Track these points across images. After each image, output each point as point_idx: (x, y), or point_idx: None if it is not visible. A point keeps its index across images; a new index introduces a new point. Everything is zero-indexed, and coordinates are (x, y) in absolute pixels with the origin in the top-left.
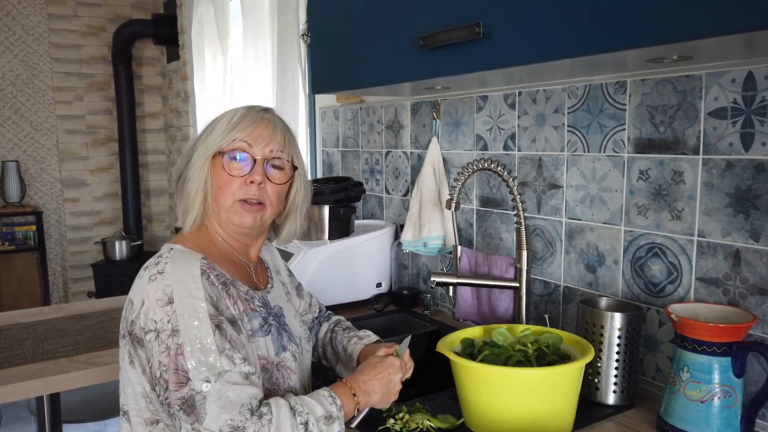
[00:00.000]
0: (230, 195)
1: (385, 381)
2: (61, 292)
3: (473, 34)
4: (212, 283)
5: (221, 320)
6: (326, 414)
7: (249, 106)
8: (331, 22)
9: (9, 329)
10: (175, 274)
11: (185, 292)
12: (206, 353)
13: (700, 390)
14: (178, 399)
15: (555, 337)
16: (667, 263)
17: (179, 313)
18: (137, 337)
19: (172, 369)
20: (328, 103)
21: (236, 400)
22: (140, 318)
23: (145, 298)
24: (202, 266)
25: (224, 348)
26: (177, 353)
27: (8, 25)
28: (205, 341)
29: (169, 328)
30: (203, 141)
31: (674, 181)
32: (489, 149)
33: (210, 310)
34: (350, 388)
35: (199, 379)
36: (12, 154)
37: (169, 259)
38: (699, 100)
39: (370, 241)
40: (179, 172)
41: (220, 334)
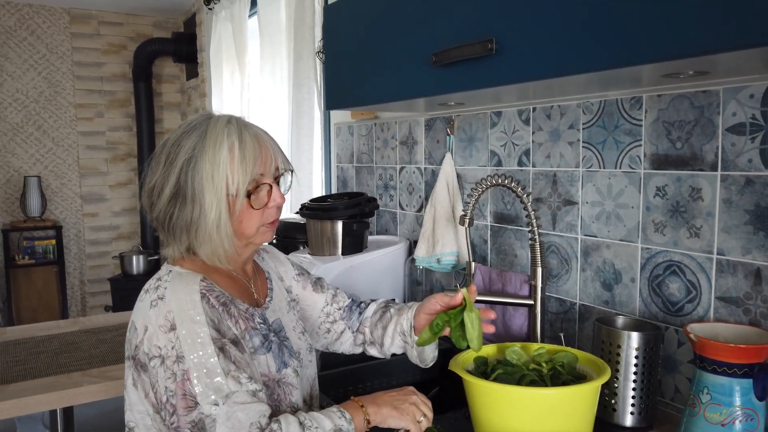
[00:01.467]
0: (255, 224)
1: (394, 398)
2: (79, 305)
3: (486, 50)
4: (212, 305)
5: (224, 342)
6: (335, 428)
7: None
8: (345, 39)
9: (25, 342)
10: (175, 300)
11: (187, 318)
12: (212, 377)
13: (720, 413)
14: (188, 423)
15: (570, 357)
16: (686, 281)
17: (182, 340)
18: (141, 362)
19: (180, 394)
20: (343, 119)
21: (245, 419)
22: (143, 344)
23: (148, 324)
24: (202, 289)
25: (229, 370)
26: (184, 379)
27: (33, 44)
28: (210, 365)
29: (174, 355)
30: (209, 182)
31: (692, 198)
32: (503, 165)
33: (212, 333)
34: (357, 401)
35: (208, 403)
36: (34, 169)
37: (168, 284)
38: (717, 116)
39: (383, 256)
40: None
41: (224, 357)
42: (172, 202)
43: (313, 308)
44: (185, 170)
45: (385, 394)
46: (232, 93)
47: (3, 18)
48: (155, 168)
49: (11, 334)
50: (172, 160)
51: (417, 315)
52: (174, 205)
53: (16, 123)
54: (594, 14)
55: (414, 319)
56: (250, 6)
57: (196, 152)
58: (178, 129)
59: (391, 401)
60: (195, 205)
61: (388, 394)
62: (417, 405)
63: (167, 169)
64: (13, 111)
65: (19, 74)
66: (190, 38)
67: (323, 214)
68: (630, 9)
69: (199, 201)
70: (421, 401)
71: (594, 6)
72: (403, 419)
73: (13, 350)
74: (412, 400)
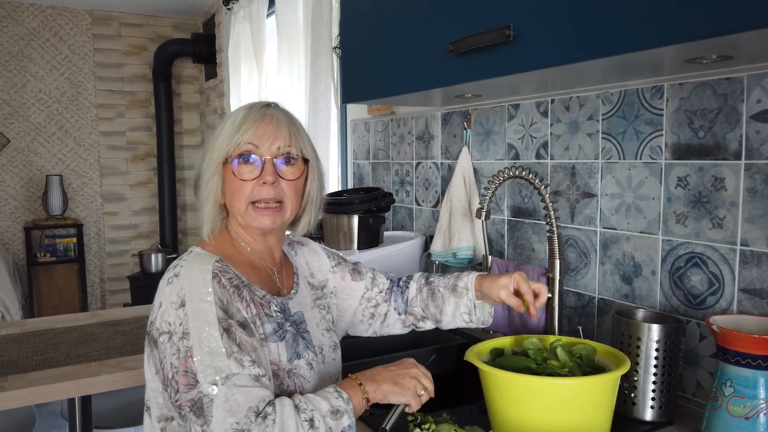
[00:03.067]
0: (244, 199)
1: (394, 373)
2: (99, 303)
3: (503, 37)
4: (223, 286)
5: (230, 324)
6: (332, 408)
7: (251, 105)
8: (361, 32)
9: (45, 333)
10: (188, 277)
11: (196, 296)
12: (214, 356)
13: (744, 406)
14: (188, 401)
15: (589, 348)
16: (708, 273)
17: (190, 317)
18: (153, 338)
19: (182, 371)
20: (360, 116)
21: (243, 402)
22: (157, 320)
23: (163, 300)
24: (215, 269)
25: (232, 351)
26: (187, 356)
27: (56, 45)
28: (214, 345)
29: (180, 331)
30: (210, 148)
31: (715, 188)
32: (521, 158)
33: (219, 313)
34: (355, 379)
35: (207, 382)
36: (56, 168)
37: (185, 262)
38: (740, 103)
39: (399, 251)
40: (195, 180)
41: (228, 338)
42: (197, 168)
43: (353, 297)
44: (209, 143)
45: (385, 369)
46: (250, 92)
47: (27, 20)
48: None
49: (31, 325)
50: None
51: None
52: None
53: (39, 123)
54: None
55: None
56: (268, 5)
57: (220, 122)
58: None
59: (390, 377)
60: (201, 168)
61: (387, 369)
62: (418, 378)
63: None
64: (36, 111)
65: (42, 75)
66: (208, 39)
67: (339, 208)
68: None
69: (203, 164)
70: (422, 374)
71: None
72: (404, 395)
73: (32, 341)
74: (413, 374)
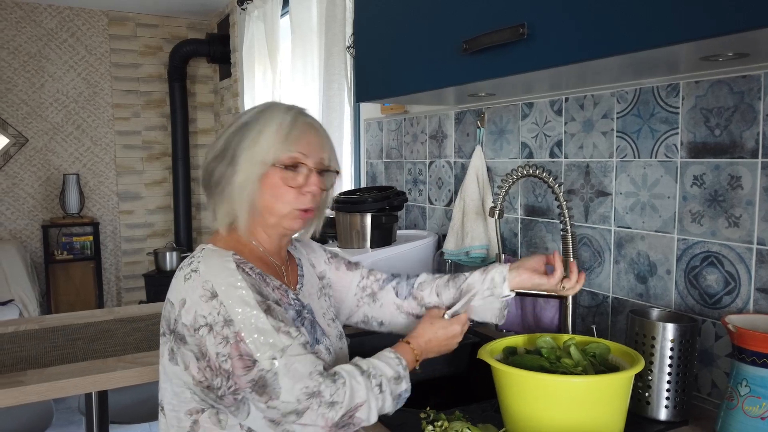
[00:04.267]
0: (287, 204)
1: (443, 345)
2: (115, 301)
3: (517, 35)
4: (248, 274)
5: (269, 304)
6: (395, 374)
7: (288, 108)
8: (375, 30)
9: (63, 329)
10: (210, 271)
11: (227, 284)
12: (265, 334)
13: (760, 406)
14: (249, 382)
15: (602, 347)
16: (724, 273)
17: (227, 304)
18: (180, 335)
19: (236, 356)
20: (373, 115)
21: (304, 369)
22: (182, 316)
23: (186, 296)
24: (235, 261)
25: (279, 327)
26: (237, 340)
27: (73, 46)
28: (261, 324)
29: (221, 320)
30: (249, 148)
31: (731, 187)
32: (534, 157)
33: (256, 296)
34: (414, 352)
35: (266, 359)
36: (73, 167)
37: (201, 258)
38: (757, 101)
39: (412, 250)
40: (218, 174)
41: (272, 316)
42: (217, 159)
43: (349, 286)
44: (235, 133)
45: (435, 335)
46: (264, 91)
47: (45, 21)
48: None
49: (49, 321)
50: (229, 125)
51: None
52: (217, 162)
53: (56, 122)
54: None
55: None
56: (282, 5)
57: (250, 121)
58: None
59: (438, 347)
60: (231, 164)
61: (436, 338)
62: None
63: (223, 132)
64: (54, 111)
65: (60, 75)
66: (223, 39)
67: (352, 206)
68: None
69: (236, 161)
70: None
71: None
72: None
73: (50, 336)
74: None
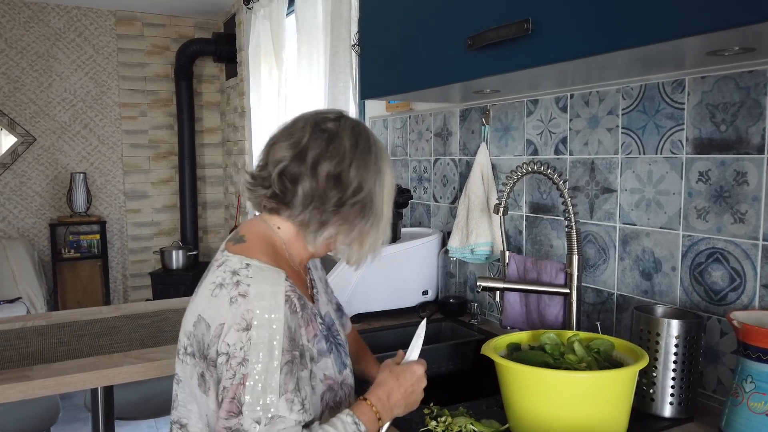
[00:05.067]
0: None
1: (408, 393)
2: (121, 299)
3: (522, 31)
4: (294, 310)
5: (294, 356)
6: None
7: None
8: (380, 27)
9: (70, 325)
10: (258, 300)
11: (264, 322)
12: (266, 392)
13: (765, 402)
14: (224, 428)
15: (606, 344)
16: (729, 269)
17: (254, 343)
18: (212, 360)
19: (230, 397)
20: (378, 113)
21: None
22: (217, 342)
23: (226, 322)
24: (287, 291)
25: (287, 390)
26: (240, 383)
27: (81, 45)
28: (269, 379)
29: (240, 356)
30: (388, 199)
31: (737, 182)
32: (539, 154)
33: (285, 344)
34: (375, 412)
35: (251, 418)
36: (80, 166)
37: (251, 280)
38: (764, 97)
39: (416, 247)
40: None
41: (288, 372)
42: (357, 206)
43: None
44: (372, 173)
45: (399, 390)
46: (270, 90)
47: (53, 20)
48: (337, 150)
49: (56, 318)
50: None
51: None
52: (360, 210)
53: (64, 122)
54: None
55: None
56: (288, 4)
57: (382, 164)
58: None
59: (404, 400)
60: (375, 216)
61: (402, 389)
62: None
63: (361, 173)
64: (62, 110)
65: (68, 74)
66: (229, 38)
67: None
68: None
69: (376, 208)
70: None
71: None
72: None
73: (57, 332)
74: (423, 386)
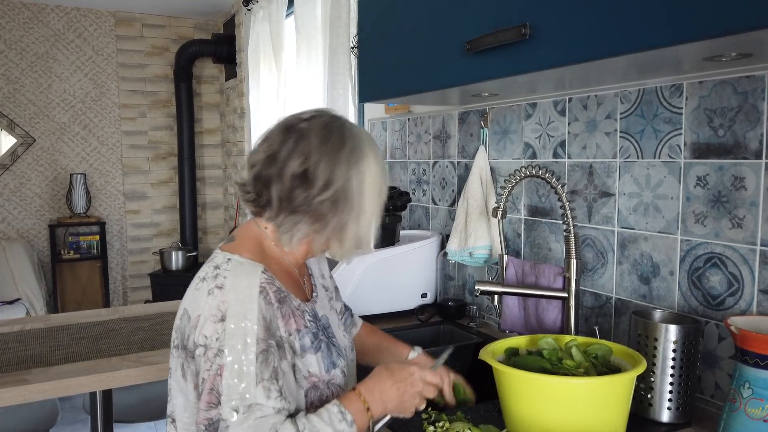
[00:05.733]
0: None
1: (401, 392)
2: (121, 300)
3: (520, 36)
4: (269, 302)
5: (269, 345)
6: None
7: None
8: (378, 31)
9: (68, 328)
10: (233, 291)
11: (239, 312)
12: (242, 380)
13: (762, 408)
14: (205, 419)
15: (604, 349)
16: (728, 274)
17: (228, 333)
18: (190, 351)
19: (208, 388)
20: (377, 115)
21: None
22: (194, 333)
23: (202, 312)
24: (262, 282)
25: (263, 378)
26: (216, 374)
27: (80, 47)
28: (245, 368)
29: (216, 347)
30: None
31: (735, 187)
32: (538, 157)
33: (260, 333)
34: (364, 402)
35: (229, 407)
36: (80, 167)
37: (228, 273)
38: (761, 102)
39: (415, 250)
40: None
41: (263, 361)
42: (327, 202)
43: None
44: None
45: (393, 386)
46: (269, 92)
47: (52, 21)
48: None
49: (55, 320)
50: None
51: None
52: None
53: (63, 123)
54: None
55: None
56: (287, 5)
57: (359, 155)
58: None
59: (397, 396)
60: (353, 209)
61: (395, 385)
62: (422, 394)
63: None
64: (61, 111)
65: (67, 75)
66: (229, 39)
67: None
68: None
69: (358, 207)
70: (427, 385)
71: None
72: (405, 413)
73: (55, 335)
74: (418, 390)
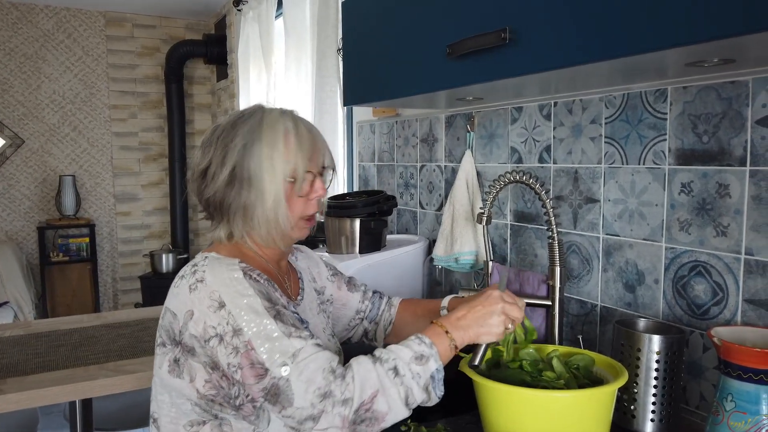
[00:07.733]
0: (296, 214)
1: (479, 314)
2: (111, 302)
3: (500, 40)
4: (256, 280)
5: (278, 309)
6: (416, 354)
7: (287, 117)
8: (362, 34)
9: (48, 335)
10: (217, 280)
11: (234, 293)
12: (275, 341)
13: (745, 421)
14: (261, 391)
15: (586, 359)
16: (712, 283)
17: (236, 314)
18: (188, 347)
19: (248, 365)
20: (365, 117)
21: (315, 368)
22: (190, 328)
23: (193, 308)
24: (242, 268)
25: (290, 332)
26: (248, 349)
27: (70, 47)
28: (270, 332)
29: (231, 330)
30: (269, 170)
31: (719, 195)
32: (524, 162)
33: (265, 303)
34: (441, 326)
35: (277, 366)
36: (69, 168)
37: (207, 267)
38: (746, 108)
39: (401, 255)
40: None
41: (282, 321)
42: (229, 186)
43: (349, 307)
44: (242, 154)
45: (469, 311)
46: (259, 93)
47: (42, 22)
48: (207, 151)
49: (35, 327)
50: (227, 144)
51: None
52: (230, 188)
53: (52, 124)
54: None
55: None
56: (277, 6)
57: (254, 136)
58: (230, 117)
59: (476, 320)
60: (252, 189)
61: (472, 310)
62: (505, 313)
63: (223, 152)
64: (50, 112)
65: (56, 76)
66: (220, 40)
67: (341, 211)
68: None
69: (257, 185)
70: (509, 305)
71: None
72: (492, 335)
73: (34, 343)
74: (499, 310)
